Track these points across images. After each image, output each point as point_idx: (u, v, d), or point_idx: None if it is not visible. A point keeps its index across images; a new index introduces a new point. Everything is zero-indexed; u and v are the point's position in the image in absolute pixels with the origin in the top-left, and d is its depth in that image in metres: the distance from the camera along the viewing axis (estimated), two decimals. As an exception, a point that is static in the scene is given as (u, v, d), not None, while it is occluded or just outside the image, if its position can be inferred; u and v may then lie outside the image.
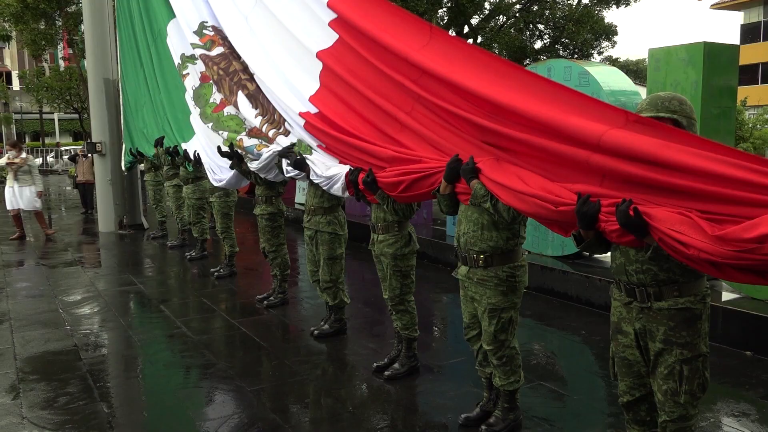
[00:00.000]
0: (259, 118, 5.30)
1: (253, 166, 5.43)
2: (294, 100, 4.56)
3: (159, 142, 8.11)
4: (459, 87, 3.14)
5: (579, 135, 2.53)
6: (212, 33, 6.14)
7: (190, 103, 6.75)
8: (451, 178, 3.19)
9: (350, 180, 4.08)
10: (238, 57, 5.61)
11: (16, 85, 39.77)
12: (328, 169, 4.35)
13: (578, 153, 2.56)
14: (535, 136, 2.76)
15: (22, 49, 26.76)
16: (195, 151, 6.88)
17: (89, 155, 12.01)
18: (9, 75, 40.92)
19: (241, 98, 5.55)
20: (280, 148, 5.05)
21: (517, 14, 18.23)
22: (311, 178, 4.59)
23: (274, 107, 5.07)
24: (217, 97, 6.16)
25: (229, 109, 5.97)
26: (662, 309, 2.38)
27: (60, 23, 20.00)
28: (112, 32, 10.08)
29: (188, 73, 6.77)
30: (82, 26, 12.80)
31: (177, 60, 6.97)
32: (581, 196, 2.44)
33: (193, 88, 6.62)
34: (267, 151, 5.21)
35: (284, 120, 4.94)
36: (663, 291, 2.38)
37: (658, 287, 2.38)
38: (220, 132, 6.04)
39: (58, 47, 25.76)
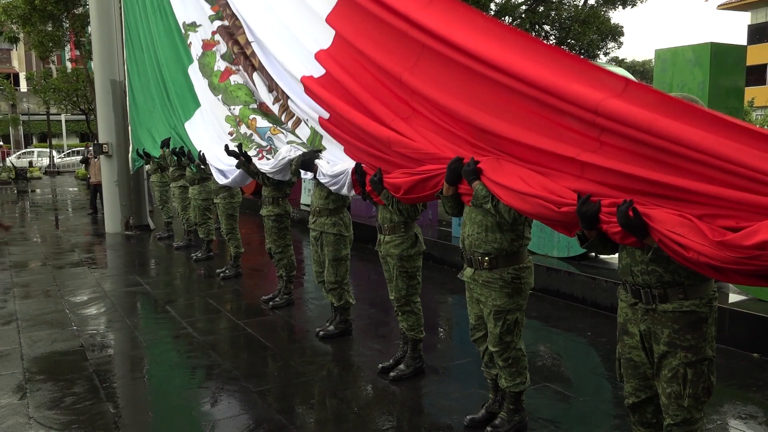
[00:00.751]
0: (277, 105, 5.13)
1: (266, 169, 5.43)
2: (296, 63, 4.39)
3: (165, 143, 8.14)
4: (459, 49, 3.04)
5: (579, 101, 2.50)
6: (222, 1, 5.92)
7: (197, 75, 6.65)
8: (453, 180, 3.18)
9: (356, 179, 4.07)
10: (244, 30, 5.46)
11: (23, 86, 39.98)
12: (334, 165, 4.34)
13: (578, 124, 2.54)
14: (534, 110, 2.74)
15: (29, 51, 26.91)
16: (200, 151, 6.90)
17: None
18: (16, 76, 41.13)
19: (257, 78, 5.37)
20: (292, 151, 5.05)
21: (523, 15, 18.20)
22: (318, 177, 4.60)
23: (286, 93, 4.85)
24: (221, 65, 6.10)
25: (235, 78, 5.87)
26: (667, 311, 2.37)
27: (67, 25, 20.09)
28: (119, 34, 10.12)
29: (191, 42, 6.70)
30: (89, 28, 12.85)
31: (182, 30, 6.89)
32: (581, 197, 2.44)
33: (197, 57, 6.56)
34: (280, 156, 5.20)
35: (288, 97, 4.75)
36: (668, 293, 2.36)
37: (663, 289, 2.37)
38: (232, 108, 5.93)
39: (66, 49, 25.88)
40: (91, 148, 13.08)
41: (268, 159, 5.45)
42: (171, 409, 3.90)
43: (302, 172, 4.88)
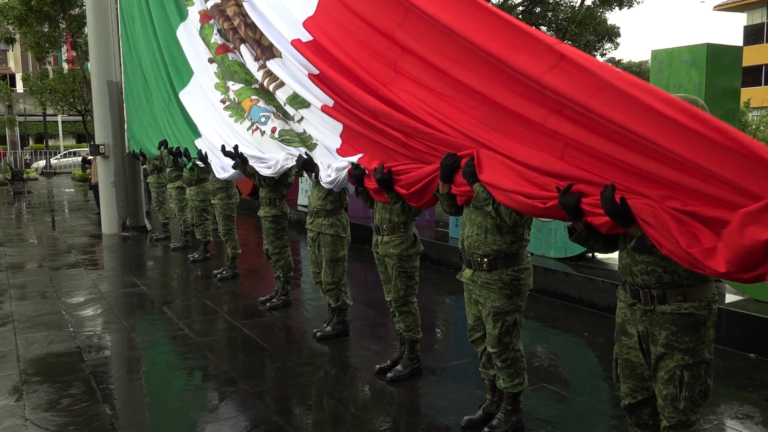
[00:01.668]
0: (261, 71, 5.08)
1: (266, 172, 5.43)
2: (286, 28, 4.44)
3: (163, 144, 8.13)
4: (430, 14, 3.14)
5: (525, 71, 2.60)
6: None
7: (189, 38, 6.65)
8: (447, 177, 3.19)
9: (353, 174, 4.06)
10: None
11: (19, 87, 39.85)
12: (336, 161, 4.33)
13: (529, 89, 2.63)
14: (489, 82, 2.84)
15: (25, 52, 26.85)
16: (201, 149, 6.85)
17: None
18: (13, 77, 41.02)
19: (244, 50, 5.34)
20: (289, 160, 5.06)
21: (520, 16, 18.22)
22: (320, 178, 4.58)
23: (270, 50, 4.83)
24: (218, 38, 6.10)
25: (233, 56, 5.86)
26: (665, 313, 2.36)
27: (63, 26, 20.03)
28: (116, 35, 10.12)
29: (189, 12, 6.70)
30: (86, 29, 12.80)
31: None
32: (560, 189, 2.47)
33: (197, 30, 6.53)
34: (278, 165, 5.21)
35: (275, 55, 4.69)
36: (667, 294, 2.36)
37: (662, 290, 2.37)
38: (230, 83, 5.91)
39: (62, 50, 25.80)
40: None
41: (262, 134, 5.43)
42: (168, 411, 3.89)
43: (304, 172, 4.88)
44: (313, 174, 4.72)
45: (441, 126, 3.21)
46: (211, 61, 6.33)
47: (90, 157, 13.71)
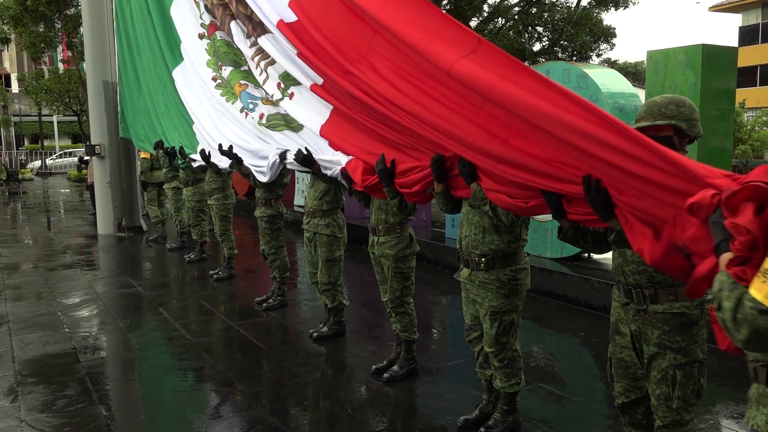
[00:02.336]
0: (253, 48, 5.08)
1: (262, 179, 5.44)
2: (270, 7, 4.48)
3: (159, 144, 8.10)
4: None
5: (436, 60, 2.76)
6: None
7: (181, 15, 6.65)
8: (440, 177, 3.22)
9: (344, 174, 4.06)
10: None
11: (15, 87, 39.75)
12: (324, 148, 4.36)
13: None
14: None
15: (21, 52, 26.79)
16: (203, 149, 6.78)
17: None
18: (8, 77, 40.90)
19: (234, 28, 5.34)
20: (278, 153, 5.06)
21: (516, 17, 18.22)
22: (324, 171, 4.54)
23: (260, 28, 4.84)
24: (206, 18, 6.12)
25: (221, 34, 5.87)
26: (657, 312, 2.37)
27: (59, 26, 19.99)
28: (112, 35, 10.08)
29: None
30: (81, 29, 12.79)
31: None
32: (543, 190, 2.51)
33: (188, 4, 6.55)
34: (270, 162, 5.21)
35: (267, 31, 4.68)
36: (659, 294, 2.37)
37: (654, 289, 2.37)
38: (220, 64, 5.92)
39: (57, 50, 25.75)
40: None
41: (253, 118, 5.43)
42: (164, 412, 3.88)
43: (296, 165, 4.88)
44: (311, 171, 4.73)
45: (407, 117, 3.28)
46: (201, 36, 6.33)
47: (86, 158, 13.67)
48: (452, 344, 5.07)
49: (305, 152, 4.58)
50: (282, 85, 4.70)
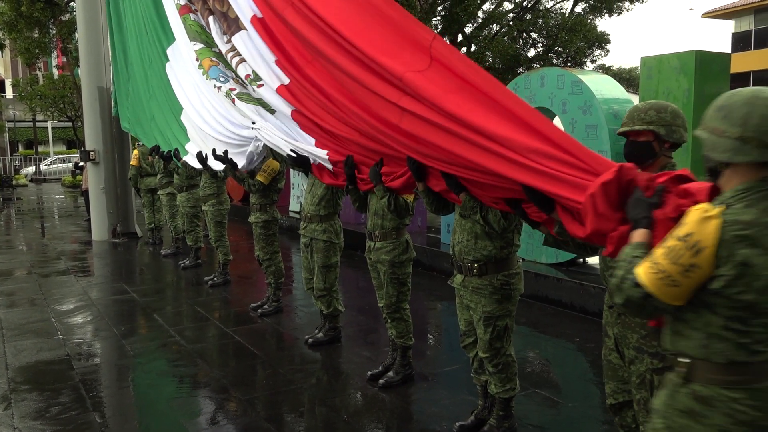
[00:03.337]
0: (227, 45, 5.17)
1: (242, 165, 5.51)
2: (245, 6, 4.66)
3: (154, 150, 8.09)
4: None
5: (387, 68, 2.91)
6: None
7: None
8: (418, 177, 3.27)
9: (345, 171, 4.05)
10: None
11: (9, 93, 39.62)
12: (298, 136, 4.46)
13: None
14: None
15: (15, 58, 26.70)
16: (199, 152, 6.73)
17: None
18: (2, 83, 40.77)
19: (212, 22, 5.44)
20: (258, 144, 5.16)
21: (511, 23, 18.30)
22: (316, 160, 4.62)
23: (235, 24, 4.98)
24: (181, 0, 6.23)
25: (194, 17, 5.98)
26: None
27: (54, 32, 19.95)
28: (106, 41, 10.07)
29: None
30: (76, 35, 12.76)
31: None
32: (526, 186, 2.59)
33: None
34: (248, 151, 5.30)
35: (241, 28, 4.81)
36: None
37: None
38: (192, 43, 6.01)
39: (52, 56, 25.73)
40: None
41: (218, 90, 5.48)
42: (158, 419, 3.86)
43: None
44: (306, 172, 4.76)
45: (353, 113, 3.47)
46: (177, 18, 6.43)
47: (81, 164, 13.63)
48: (448, 350, 5.07)
49: (294, 155, 4.59)
50: (251, 77, 4.79)
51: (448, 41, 18.11)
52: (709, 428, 1.64)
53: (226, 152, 5.66)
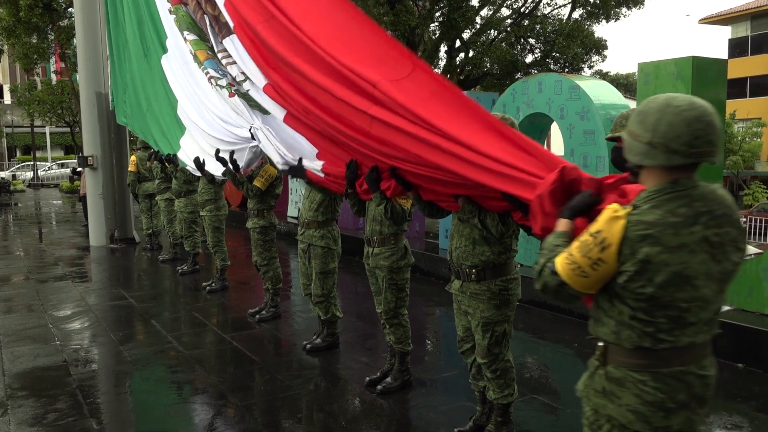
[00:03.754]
0: (219, 47, 5.30)
1: (242, 166, 5.53)
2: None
3: (153, 156, 8.09)
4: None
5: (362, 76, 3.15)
6: None
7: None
8: (406, 187, 3.43)
9: (346, 176, 4.05)
10: None
11: (7, 98, 39.64)
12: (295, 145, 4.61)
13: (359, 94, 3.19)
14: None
15: (13, 63, 26.73)
16: (197, 157, 6.72)
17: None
18: (0, 89, 40.80)
19: (207, 24, 5.54)
20: (252, 147, 5.23)
21: (509, 29, 18.32)
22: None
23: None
24: None
25: (186, 8, 6.06)
26: None
27: (52, 37, 19.98)
28: (105, 46, 10.07)
29: None
30: (75, 40, 12.77)
31: None
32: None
33: None
34: (250, 148, 5.35)
35: (232, 32, 4.94)
36: None
37: None
38: (186, 33, 6.05)
39: (50, 61, 25.73)
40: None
41: (214, 83, 5.52)
42: (156, 425, 3.84)
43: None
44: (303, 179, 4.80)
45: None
46: (170, 12, 6.46)
47: (79, 169, 13.61)
48: (446, 356, 5.06)
49: (295, 163, 4.60)
50: (241, 78, 4.92)
51: (446, 47, 18.20)
52: (621, 408, 1.79)
53: (232, 153, 5.61)
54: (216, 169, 6.14)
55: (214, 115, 5.76)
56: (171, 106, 7.07)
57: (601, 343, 1.86)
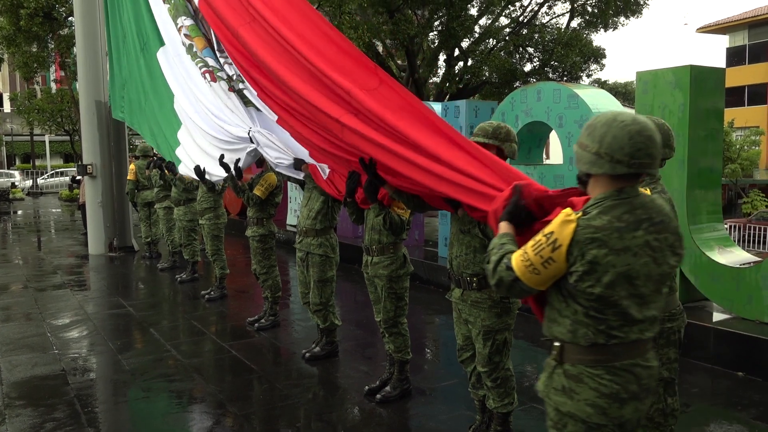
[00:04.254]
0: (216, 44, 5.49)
1: (242, 164, 5.55)
2: None
3: (154, 164, 8.08)
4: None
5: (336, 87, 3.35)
6: None
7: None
8: (380, 182, 3.50)
9: (346, 185, 4.05)
10: None
11: (7, 107, 39.70)
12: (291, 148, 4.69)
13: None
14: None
15: (13, 72, 26.81)
16: (197, 165, 6.69)
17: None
18: (0, 97, 40.87)
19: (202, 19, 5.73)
20: (251, 149, 5.25)
21: (507, 38, 18.40)
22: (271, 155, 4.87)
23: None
24: None
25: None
26: None
27: (52, 46, 20.04)
28: (105, 55, 10.10)
29: None
30: (75, 49, 12.81)
31: None
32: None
33: None
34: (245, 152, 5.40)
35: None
36: None
37: None
38: (181, 19, 6.14)
39: (50, 70, 25.81)
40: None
41: (210, 76, 5.60)
42: (154, 434, 3.83)
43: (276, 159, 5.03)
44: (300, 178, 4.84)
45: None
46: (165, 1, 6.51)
47: (79, 178, 13.61)
48: (445, 364, 5.05)
49: (292, 159, 4.63)
50: (237, 77, 5.08)
51: (444, 56, 18.25)
52: (580, 403, 1.88)
53: (237, 161, 5.59)
54: (217, 171, 6.13)
55: (207, 110, 5.77)
56: (168, 100, 7.05)
57: (557, 343, 1.96)
